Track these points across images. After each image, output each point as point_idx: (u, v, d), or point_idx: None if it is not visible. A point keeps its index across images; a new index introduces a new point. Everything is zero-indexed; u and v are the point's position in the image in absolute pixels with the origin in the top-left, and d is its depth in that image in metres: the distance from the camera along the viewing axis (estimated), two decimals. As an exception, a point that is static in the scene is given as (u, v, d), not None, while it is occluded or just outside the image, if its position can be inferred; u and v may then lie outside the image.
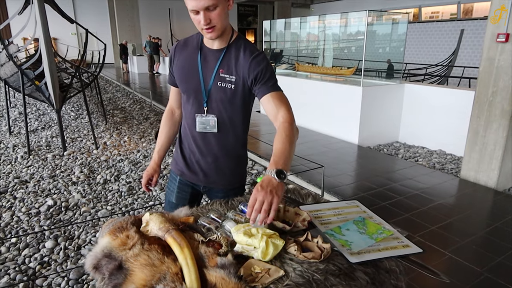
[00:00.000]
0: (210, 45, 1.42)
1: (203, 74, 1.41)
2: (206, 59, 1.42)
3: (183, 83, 1.47)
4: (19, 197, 3.57)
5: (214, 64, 1.40)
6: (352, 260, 1.10)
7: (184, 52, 1.46)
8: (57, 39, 18.27)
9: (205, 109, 1.44)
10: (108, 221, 1.24)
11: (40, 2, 3.97)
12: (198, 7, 1.23)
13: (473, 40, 12.04)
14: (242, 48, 1.40)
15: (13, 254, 2.62)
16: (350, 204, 1.49)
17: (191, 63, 1.44)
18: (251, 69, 1.36)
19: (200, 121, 1.47)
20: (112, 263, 1.04)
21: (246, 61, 1.37)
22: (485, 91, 3.60)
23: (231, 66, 1.39)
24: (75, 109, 8.13)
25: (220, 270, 0.97)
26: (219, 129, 1.47)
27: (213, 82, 1.41)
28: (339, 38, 6.97)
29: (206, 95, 1.43)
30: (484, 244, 2.65)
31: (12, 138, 5.70)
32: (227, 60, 1.40)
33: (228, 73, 1.39)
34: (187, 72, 1.44)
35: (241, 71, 1.38)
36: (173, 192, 1.68)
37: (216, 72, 1.40)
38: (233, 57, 1.39)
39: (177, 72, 1.48)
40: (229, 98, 1.42)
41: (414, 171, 4.09)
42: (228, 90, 1.41)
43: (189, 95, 1.47)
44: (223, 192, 1.60)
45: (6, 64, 5.50)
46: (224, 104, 1.43)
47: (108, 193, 3.68)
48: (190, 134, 1.54)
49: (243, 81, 1.39)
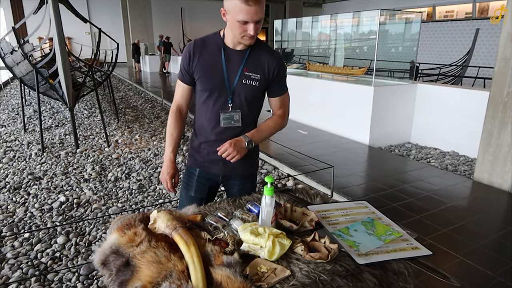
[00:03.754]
0: (233, 46, 1.52)
1: (227, 72, 1.51)
2: (230, 58, 1.52)
3: (207, 82, 1.54)
4: (32, 193, 3.64)
5: (239, 63, 1.52)
6: (360, 261, 1.08)
7: (204, 51, 1.53)
8: (72, 39, 18.58)
9: (230, 105, 1.54)
10: (116, 218, 1.25)
11: (54, 2, 4.04)
12: (252, 20, 1.36)
13: (488, 39, 11.80)
14: (263, 49, 1.55)
15: (26, 249, 2.67)
16: (359, 204, 1.48)
17: (214, 62, 1.51)
18: (276, 70, 1.55)
19: (224, 117, 1.55)
20: (120, 259, 1.05)
21: (270, 61, 1.54)
22: (500, 91, 3.52)
23: (255, 66, 1.53)
24: (88, 107, 8.25)
25: (226, 268, 0.97)
26: (243, 122, 1.57)
27: (238, 80, 1.52)
28: (350, 37, 6.91)
29: (231, 92, 1.53)
30: (497, 248, 2.59)
31: (27, 135, 5.82)
32: (251, 60, 1.52)
33: (252, 72, 1.52)
34: (211, 70, 1.52)
35: (266, 70, 1.54)
36: (192, 187, 1.72)
37: (241, 71, 1.52)
38: (256, 57, 1.53)
39: (200, 70, 1.53)
40: (253, 95, 1.55)
41: (426, 172, 4.03)
42: (253, 87, 1.54)
43: (213, 92, 1.54)
44: (240, 180, 1.70)
45: (21, 63, 5.61)
46: (247, 100, 1.55)
47: (119, 191, 3.73)
48: (210, 128, 1.59)
49: (266, 78, 1.55)
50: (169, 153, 1.62)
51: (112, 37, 6.78)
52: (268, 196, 1.20)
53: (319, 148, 4.82)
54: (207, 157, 1.64)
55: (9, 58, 5.94)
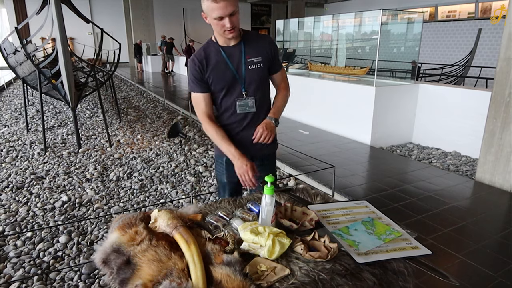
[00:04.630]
0: (227, 44, 1.68)
1: (234, 66, 1.68)
2: (231, 54, 1.68)
3: (219, 82, 1.69)
4: (35, 192, 3.66)
5: (240, 55, 1.68)
6: (359, 260, 1.09)
7: (209, 59, 1.68)
8: (74, 39, 18.64)
9: (244, 93, 1.71)
10: (117, 217, 1.26)
11: (57, 2, 4.06)
12: (224, 14, 1.49)
13: (491, 39, 11.76)
14: (254, 35, 1.74)
15: (28, 248, 2.69)
16: (359, 204, 1.48)
17: (220, 64, 1.68)
18: (271, 48, 1.73)
19: (240, 104, 1.71)
20: (121, 258, 1.06)
21: (264, 42, 1.73)
22: (502, 91, 3.51)
23: (253, 51, 1.70)
24: (90, 107, 8.28)
25: (226, 267, 0.98)
26: (257, 107, 1.74)
27: (245, 68, 1.68)
28: (352, 37, 6.90)
29: (243, 81, 1.70)
30: (499, 248, 2.59)
31: (30, 135, 5.84)
32: (248, 48, 1.69)
33: (254, 56, 1.69)
34: (221, 71, 1.68)
35: (263, 51, 1.71)
36: (223, 173, 1.87)
37: (244, 60, 1.68)
38: (251, 43, 1.70)
39: (212, 74, 1.68)
40: (261, 76, 1.72)
41: (427, 172, 4.03)
42: (259, 69, 1.71)
43: (228, 88, 1.70)
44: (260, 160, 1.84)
45: (24, 63, 5.64)
46: (257, 83, 1.72)
47: (121, 190, 3.74)
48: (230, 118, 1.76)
49: (266, 57, 1.72)
50: (233, 150, 1.66)
51: (115, 37, 6.81)
52: (268, 195, 1.20)
53: (320, 148, 4.82)
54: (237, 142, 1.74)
55: (12, 59, 5.97)
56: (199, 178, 4.04)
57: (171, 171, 4.22)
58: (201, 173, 4.18)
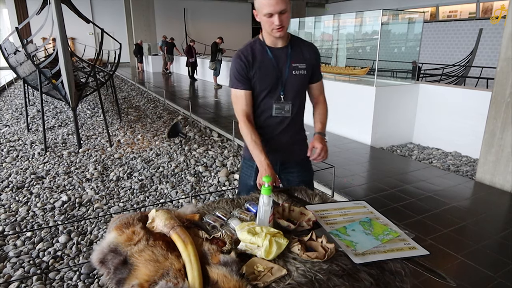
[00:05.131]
0: (274, 45, 1.68)
1: (278, 68, 1.68)
2: (276, 56, 1.68)
3: (264, 81, 1.68)
4: (35, 192, 3.67)
5: (286, 58, 1.68)
6: (356, 260, 1.09)
7: (255, 57, 1.68)
8: (75, 39, 18.66)
9: (282, 96, 1.70)
10: (115, 216, 1.26)
11: (57, 2, 4.06)
12: (274, 11, 1.50)
13: (492, 39, 11.73)
14: (300, 42, 1.74)
15: (28, 248, 2.69)
16: (357, 204, 1.48)
17: (265, 64, 1.67)
18: (316, 57, 1.75)
19: (276, 107, 1.71)
20: (118, 258, 1.06)
21: (310, 49, 1.73)
22: (502, 91, 3.50)
23: (299, 57, 1.70)
24: (91, 107, 8.29)
25: (223, 267, 0.98)
26: (292, 112, 1.74)
27: (288, 72, 1.68)
28: (353, 37, 6.89)
29: (283, 85, 1.69)
30: (499, 249, 2.58)
31: (30, 135, 5.85)
32: (295, 53, 1.69)
33: (299, 62, 1.69)
34: (265, 71, 1.67)
35: (309, 58, 1.72)
36: (252, 176, 1.84)
37: (289, 64, 1.68)
38: (298, 49, 1.70)
39: (257, 73, 1.67)
40: (302, 83, 1.73)
41: (427, 172, 4.02)
42: (302, 76, 1.71)
43: (269, 89, 1.69)
44: (297, 167, 1.85)
45: (24, 63, 5.65)
46: (297, 89, 1.72)
47: (121, 190, 3.74)
48: (267, 121, 1.75)
49: (310, 66, 1.72)
50: (263, 159, 1.60)
51: (116, 37, 6.82)
52: (266, 195, 1.20)
53: (320, 148, 4.80)
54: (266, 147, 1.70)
55: (12, 59, 5.98)
56: (199, 178, 4.04)
57: (171, 171, 4.22)
58: (201, 173, 4.18)
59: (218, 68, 10.73)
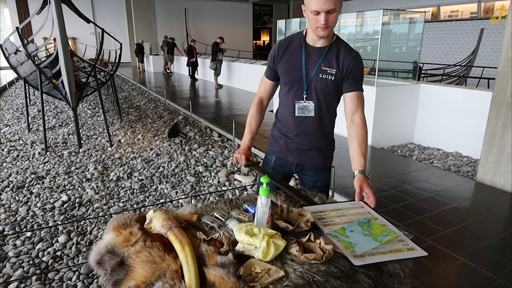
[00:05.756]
0: (313, 44, 1.64)
1: (306, 67, 1.65)
2: (309, 54, 1.65)
3: (287, 76, 1.69)
4: (35, 192, 3.67)
5: (317, 59, 1.63)
6: (356, 262, 1.08)
7: (288, 50, 1.68)
8: (76, 39, 18.68)
9: (304, 96, 1.67)
10: (113, 217, 1.26)
11: (57, 2, 4.06)
12: (322, 9, 1.46)
13: (493, 39, 11.70)
14: (341, 47, 1.64)
15: (28, 248, 2.69)
16: (354, 205, 1.47)
17: (295, 58, 1.66)
18: (350, 65, 1.61)
19: (299, 106, 1.68)
20: (115, 259, 1.06)
21: (347, 57, 1.62)
22: (503, 92, 3.49)
23: (332, 61, 1.63)
24: (92, 107, 8.29)
25: (220, 269, 0.97)
26: (316, 113, 1.68)
27: (315, 73, 1.64)
28: (354, 37, 6.88)
29: (307, 84, 1.65)
30: (499, 250, 2.57)
31: (31, 135, 5.86)
32: (329, 56, 1.63)
33: (329, 67, 1.63)
34: (291, 66, 1.67)
35: (341, 66, 1.62)
36: (269, 169, 1.85)
37: (319, 66, 1.63)
38: (334, 53, 1.63)
39: (282, 66, 1.69)
40: (328, 88, 1.65)
41: (428, 173, 4.01)
42: (329, 81, 1.64)
43: (292, 85, 1.68)
44: (313, 171, 1.79)
45: (25, 63, 5.65)
46: (323, 93, 1.66)
47: (121, 190, 3.74)
48: (288, 119, 1.74)
49: (341, 74, 1.63)
50: (247, 140, 1.78)
51: (117, 37, 6.82)
52: (264, 196, 1.20)
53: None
54: (284, 144, 1.77)
55: (13, 58, 5.99)
56: (199, 178, 4.04)
57: (171, 171, 4.22)
58: (201, 173, 4.18)
59: (218, 68, 10.72)
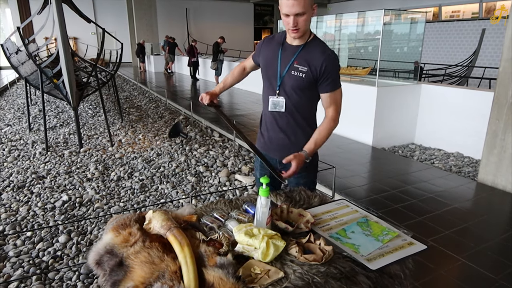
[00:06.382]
0: (290, 42, 1.71)
1: (280, 63, 1.72)
2: (285, 52, 1.72)
3: (264, 71, 1.80)
4: (35, 192, 3.67)
5: (291, 56, 1.69)
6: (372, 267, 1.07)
7: (269, 45, 1.79)
8: (78, 39, 18.70)
9: (277, 92, 1.74)
10: (113, 217, 1.25)
11: (58, 2, 4.06)
12: (290, 13, 1.52)
13: (495, 40, 11.68)
14: (316, 46, 1.68)
15: (28, 248, 2.69)
16: (339, 204, 1.48)
17: (273, 54, 1.75)
18: (324, 64, 1.64)
19: (272, 101, 1.76)
20: (113, 259, 1.05)
21: (320, 56, 1.65)
22: (504, 92, 3.48)
23: (305, 59, 1.67)
24: (93, 107, 8.30)
25: (219, 269, 0.97)
26: (287, 109, 1.74)
27: (287, 70, 1.70)
28: (355, 37, 6.87)
29: (280, 80, 1.72)
30: (500, 251, 2.56)
31: (32, 134, 5.86)
32: (303, 54, 1.68)
33: (301, 65, 1.67)
34: (269, 61, 1.76)
35: (313, 64, 1.65)
36: (258, 168, 1.96)
37: (291, 63, 1.69)
38: (308, 52, 1.68)
39: (262, 60, 1.81)
40: (300, 85, 1.69)
41: (429, 173, 4.00)
42: (299, 78, 1.68)
43: (268, 81, 1.78)
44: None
45: (26, 63, 5.66)
46: (294, 89, 1.71)
47: (121, 190, 3.74)
48: (266, 114, 1.83)
49: (313, 72, 1.66)
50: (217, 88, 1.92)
51: (118, 37, 6.82)
52: (264, 197, 1.19)
53: (322, 148, 4.76)
54: (266, 140, 1.86)
55: (14, 58, 5.99)
56: (200, 178, 4.04)
57: (172, 171, 4.22)
58: (202, 173, 4.18)
59: (219, 68, 10.72)
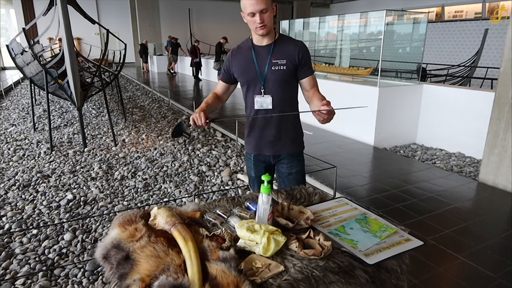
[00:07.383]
0: (260, 43, 1.81)
1: (258, 64, 1.80)
2: (259, 53, 1.81)
3: (242, 77, 1.86)
4: (41, 191, 3.72)
5: (267, 55, 1.79)
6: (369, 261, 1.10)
7: (239, 54, 1.87)
8: (81, 39, 18.80)
9: (262, 90, 1.82)
10: (119, 214, 1.30)
11: (63, 3, 4.12)
12: (256, 10, 1.63)
13: (498, 40, 11.65)
14: (286, 41, 1.83)
15: (34, 245, 2.74)
16: (339, 202, 1.52)
17: (247, 60, 1.83)
18: (300, 53, 1.78)
19: (257, 100, 1.84)
20: (120, 253, 1.09)
21: (293, 47, 1.79)
22: (505, 92, 3.50)
23: (281, 54, 1.78)
24: (96, 107, 8.36)
25: (221, 263, 1.01)
26: (275, 105, 1.83)
27: (268, 68, 1.79)
28: (357, 38, 6.90)
29: (263, 79, 1.80)
30: (500, 250, 2.59)
31: (37, 134, 5.93)
32: (277, 50, 1.79)
33: (279, 59, 1.78)
34: (245, 67, 1.83)
35: (290, 55, 1.78)
36: (252, 168, 2.06)
37: (269, 60, 1.79)
38: (281, 47, 1.79)
39: (237, 70, 1.87)
40: (283, 78, 1.80)
41: (430, 173, 4.02)
42: (282, 71, 1.79)
43: (249, 84, 1.85)
44: (288, 159, 1.96)
45: (31, 63, 5.72)
46: (279, 84, 1.80)
47: (125, 189, 3.79)
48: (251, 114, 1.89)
49: (292, 62, 1.78)
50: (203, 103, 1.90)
51: (121, 37, 6.87)
52: (265, 194, 1.23)
53: (323, 148, 4.83)
54: (257, 140, 1.94)
55: (19, 59, 6.06)
56: (202, 178, 4.08)
57: (175, 171, 4.26)
58: (205, 172, 4.22)
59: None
